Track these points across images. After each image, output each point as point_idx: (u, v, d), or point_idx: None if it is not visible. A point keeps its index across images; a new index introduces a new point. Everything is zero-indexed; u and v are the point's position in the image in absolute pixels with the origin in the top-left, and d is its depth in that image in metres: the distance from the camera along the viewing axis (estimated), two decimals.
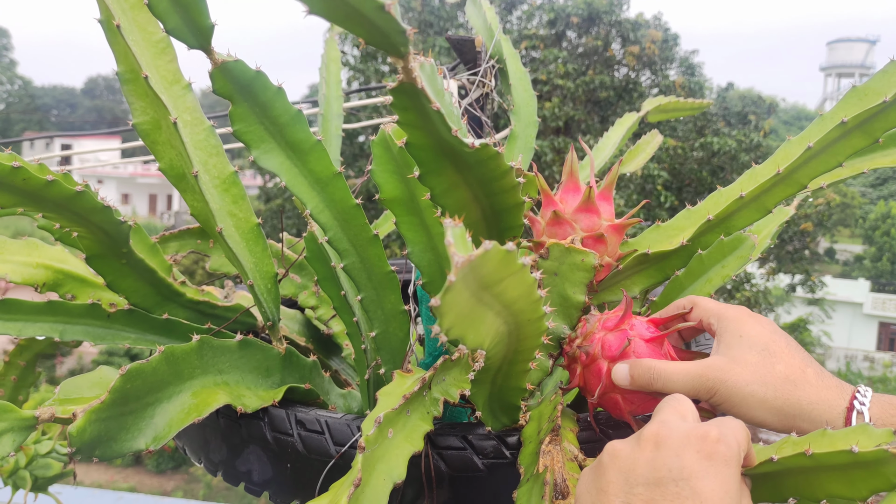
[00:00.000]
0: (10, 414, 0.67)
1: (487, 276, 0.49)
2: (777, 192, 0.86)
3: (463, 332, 0.52)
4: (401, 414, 0.71)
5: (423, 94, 0.58)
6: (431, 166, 0.68)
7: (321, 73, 1.39)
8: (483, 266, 0.47)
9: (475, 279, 0.48)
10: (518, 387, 0.75)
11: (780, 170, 0.82)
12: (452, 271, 0.44)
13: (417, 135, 0.65)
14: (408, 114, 0.63)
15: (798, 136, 0.86)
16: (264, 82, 0.75)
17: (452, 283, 0.45)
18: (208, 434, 0.88)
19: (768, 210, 0.88)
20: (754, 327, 0.72)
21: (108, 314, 0.94)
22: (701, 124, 14.06)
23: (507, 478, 0.77)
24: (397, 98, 0.61)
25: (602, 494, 0.57)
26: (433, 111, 0.60)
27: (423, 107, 0.60)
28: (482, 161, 0.66)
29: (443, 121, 0.60)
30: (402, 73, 0.58)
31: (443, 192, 0.70)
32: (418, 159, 0.68)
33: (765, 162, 0.88)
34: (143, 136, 0.82)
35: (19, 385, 1.30)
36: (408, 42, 0.56)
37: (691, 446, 0.55)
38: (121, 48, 0.78)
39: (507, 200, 0.71)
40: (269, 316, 0.90)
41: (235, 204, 0.86)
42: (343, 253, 0.84)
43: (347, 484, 0.64)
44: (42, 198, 0.72)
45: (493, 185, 0.69)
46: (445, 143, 0.64)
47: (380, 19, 0.54)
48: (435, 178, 0.69)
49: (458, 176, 0.69)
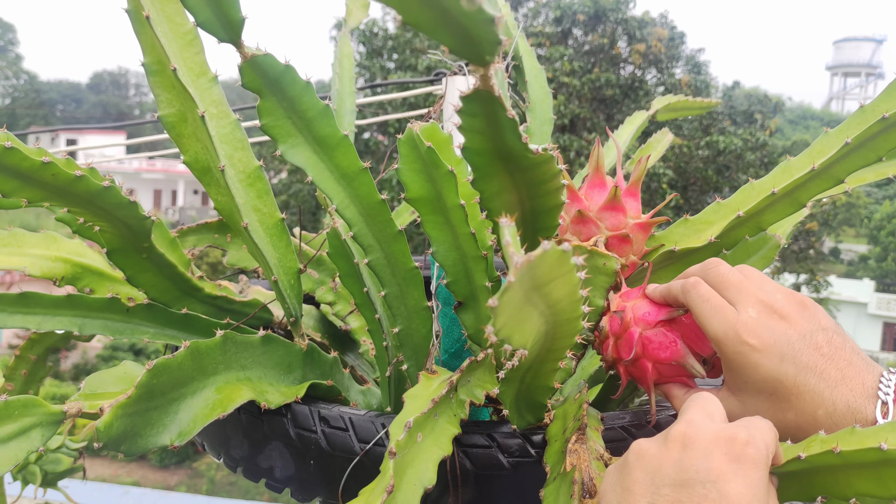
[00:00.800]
0: (38, 409, 0.66)
1: (541, 276, 0.49)
2: (812, 186, 0.84)
3: (511, 332, 0.52)
4: (429, 418, 0.71)
5: (498, 101, 0.58)
6: (486, 171, 0.68)
7: (334, 69, 1.39)
8: (540, 266, 0.47)
9: (530, 279, 0.47)
10: (546, 385, 0.75)
11: (815, 166, 0.81)
12: (511, 272, 0.44)
13: (479, 140, 0.65)
14: (475, 120, 0.62)
15: (836, 129, 0.83)
16: (293, 77, 0.74)
17: (511, 284, 0.44)
18: (229, 430, 0.88)
19: (802, 205, 0.86)
20: (758, 370, 0.66)
21: (127, 308, 0.94)
22: (707, 123, 14.06)
23: (532, 476, 0.76)
24: (468, 104, 0.60)
25: (627, 493, 0.57)
26: (507, 119, 0.60)
27: (495, 114, 0.60)
28: (536, 164, 0.65)
29: (515, 128, 0.60)
30: (480, 81, 0.57)
31: (492, 196, 0.70)
32: (473, 163, 0.67)
33: (799, 155, 0.86)
34: (169, 129, 0.82)
35: (30, 379, 1.29)
36: (495, 52, 0.55)
37: (720, 448, 0.55)
38: (148, 39, 0.78)
39: (549, 202, 0.71)
40: (293, 312, 0.89)
41: (260, 199, 0.85)
42: (368, 249, 0.83)
43: (379, 490, 0.63)
44: (70, 193, 0.72)
45: (540, 187, 0.69)
46: (507, 149, 0.64)
47: (482, 31, 0.52)
48: (487, 182, 0.69)
49: (510, 179, 0.69)
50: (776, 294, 0.69)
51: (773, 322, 0.67)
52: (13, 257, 0.97)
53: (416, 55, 13.50)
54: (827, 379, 0.65)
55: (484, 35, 0.52)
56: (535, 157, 0.64)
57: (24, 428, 0.67)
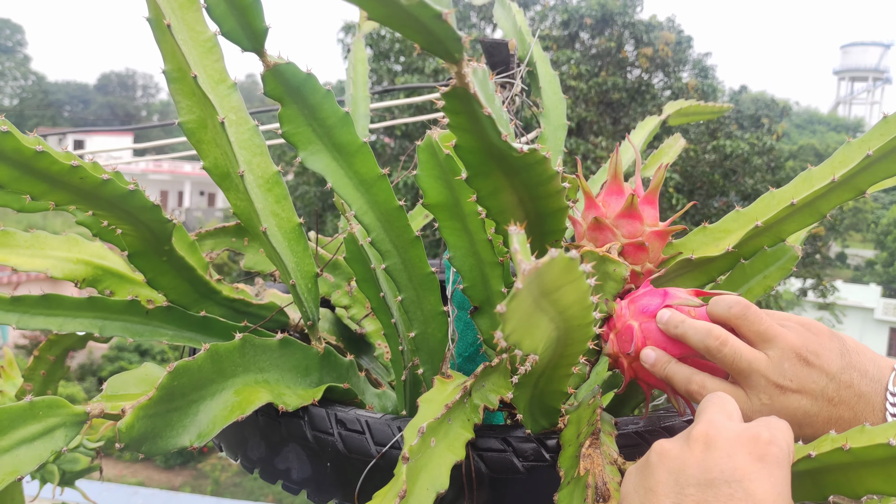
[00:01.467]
0: (62, 409, 0.67)
1: (550, 283, 0.49)
2: (833, 197, 0.84)
3: (520, 338, 0.53)
4: (443, 423, 0.72)
5: (474, 98, 0.59)
6: (479, 169, 0.68)
7: (348, 74, 1.40)
8: (547, 273, 0.47)
9: (538, 286, 0.48)
10: (560, 390, 0.75)
11: (835, 177, 0.81)
12: (519, 278, 0.45)
13: (467, 138, 0.66)
14: (458, 117, 0.63)
15: (858, 140, 0.83)
16: (314, 85, 0.75)
17: (519, 290, 0.45)
18: (247, 432, 0.89)
19: (822, 216, 0.86)
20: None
21: (147, 311, 0.95)
22: (713, 127, 14.02)
23: (546, 480, 0.77)
24: (449, 102, 0.62)
25: (651, 494, 0.57)
26: (484, 116, 0.60)
27: (474, 111, 0.61)
28: (529, 165, 0.66)
29: (493, 125, 0.61)
30: (455, 78, 0.59)
31: (489, 195, 0.71)
32: (466, 162, 0.68)
33: (820, 165, 0.86)
34: (189, 135, 0.83)
35: (48, 380, 1.31)
36: (462, 49, 0.56)
37: (743, 447, 0.55)
38: (169, 47, 0.79)
39: (551, 204, 0.72)
40: (310, 315, 0.90)
41: (278, 203, 0.86)
42: (385, 254, 0.84)
43: (392, 494, 0.64)
44: (96, 196, 0.73)
45: (538, 189, 0.70)
46: (494, 147, 0.65)
47: (436, 27, 0.54)
48: (482, 180, 0.70)
49: (505, 179, 0.70)
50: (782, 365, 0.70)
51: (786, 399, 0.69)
52: (36, 259, 0.98)
53: (423, 58, 13.51)
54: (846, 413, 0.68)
55: (442, 32, 0.54)
56: (525, 158, 0.65)
57: (49, 428, 0.68)
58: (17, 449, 0.65)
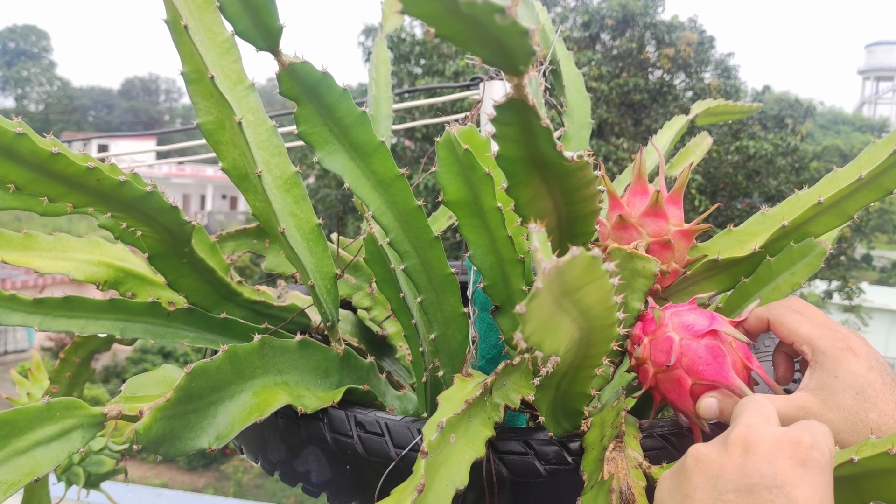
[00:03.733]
0: (79, 410, 0.67)
1: (571, 282, 0.48)
2: (860, 197, 0.83)
3: (541, 339, 0.52)
4: (462, 419, 0.71)
5: (532, 111, 0.58)
6: (520, 178, 0.68)
7: (370, 75, 1.39)
8: (569, 272, 0.46)
9: (559, 286, 0.47)
10: (583, 392, 0.74)
11: (862, 175, 0.80)
12: (539, 277, 0.44)
13: (513, 148, 0.65)
14: (509, 128, 0.62)
15: (884, 140, 0.82)
16: (330, 84, 0.75)
17: (539, 290, 0.44)
18: (266, 434, 0.89)
19: (849, 217, 0.85)
20: (851, 365, 0.68)
21: (168, 313, 0.95)
22: (736, 128, 13.90)
23: (569, 484, 0.76)
24: (502, 113, 0.60)
25: (687, 500, 0.56)
26: (541, 128, 0.59)
27: (529, 122, 0.60)
28: (571, 171, 0.65)
29: (549, 137, 0.60)
30: (514, 91, 0.57)
31: (527, 203, 0.70)
32: (508, 171, 0.67)
33: (846, 166, 0.85)
34: (207, 136, 0.83)
35: (74, 382, 1.32)
36: (529, 62, 0.55)
37: (784, 452, 0.54)
38: (187, 48, 0.79)
39: (585, 208, 0.70)
40: (329, 317, 0.90)
41: (297, 204, 0.86)
42: (404, 255, 0.83)
43: (410, 489, 0.63)
44: (113, 198, 0.73)
45: (575, 194, 0.69)
46: (540, 156, 0.64)
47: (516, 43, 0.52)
48: (522, 189, 0.69)
49: (544, 186, 0.69)
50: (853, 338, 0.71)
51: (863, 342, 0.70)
52: (59, 262, 0.99)
53: (444, 60, 13.52)
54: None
55: (518, 46, 0.52)
56: (571, 165, 0.64)
57: (66, 429, 0.67)
58: (34, 450, 0.65)
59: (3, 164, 0.66)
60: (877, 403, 0.66)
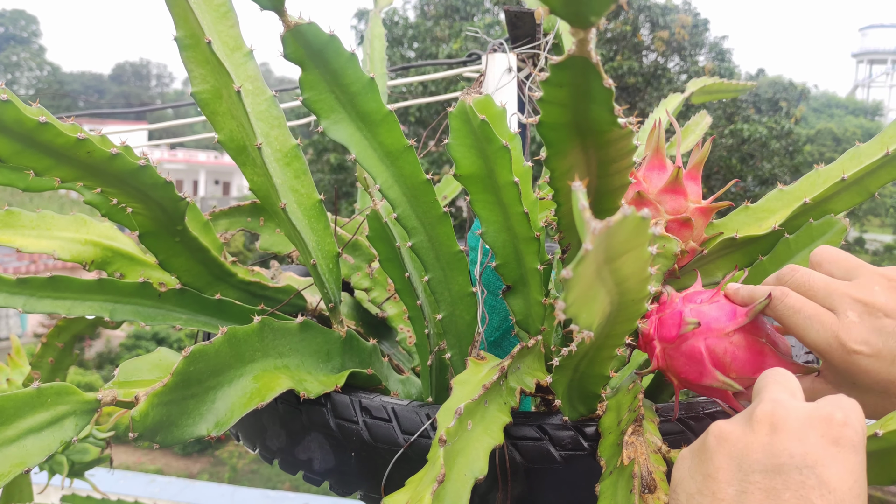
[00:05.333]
0: (71, 396, 0.63)
1: (618, 246, 0.43)
2: (883, 174, 0.80)
3: (579, 311, 0.47)
4: (479, 405, 0.67)
5: (595, 69, 0.53)
6: (561, 147, 0.62)
7: (364, 50, 1.35)
8: (618, 234, 0.42)
9: (606, 249, 0.43)
10: (601, 374, 0.70)
11: (888, 151, 0.76)
12: (588, 239, 0.39)
13: (558, 113, 0.59)
14: (561, 90, 0.57)
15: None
16: (337, 48, 0.70)
17: (588, 252, 0.39)
18: (266, 420, 0.85)
19: (871, 194, 0.82)
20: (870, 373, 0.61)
21: (159, 294, 0.91)
22: (731, 111, 13.89)
23: (585, 470, 0.72)
24: (557, 74, 0.55)
25: (710, 481, 0.51)
26: (602, 89, 0.54)
27: (587, 83, 0.54)
28: (615, 140, 0.60)
29: (609, 99, 0.55)
30: (576, 47, 0.52)
31: (562, 175, 0.65)
32: (548, 139, 0.62)
33: (870, 141, 0.82)
34: (203, 106, 0.78)
35: (56, 367, 1.27)
36: (603, 13, 0.49)
37: (815, 430, 0.49)
38: (181, 10, 0.74)
39: (616, 182, 0.65)
40: (332, 297, 0.85)
41: (297, 179, 0.81)
42: (411, 231, 0.79)
43: (429, 480, 0.59)
44: (104, 171, 0.68)
45: (611, 165, 0.63)
46: (586, 122, 0.59)
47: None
48: (560, 160, 0.63)
49: (583, 156, 0.63)
50: (872, 287, 0.63)
51: (879, 322, 0.61)
52: (42, 240, 0.94)
53: (437, 43, 13.43)
54: None
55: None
56: (618, 132, 0.59)
57: (58, 417, 0.64)
58: (24, 439, 0.61)
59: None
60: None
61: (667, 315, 0.71)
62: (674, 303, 0.72)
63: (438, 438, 0.60)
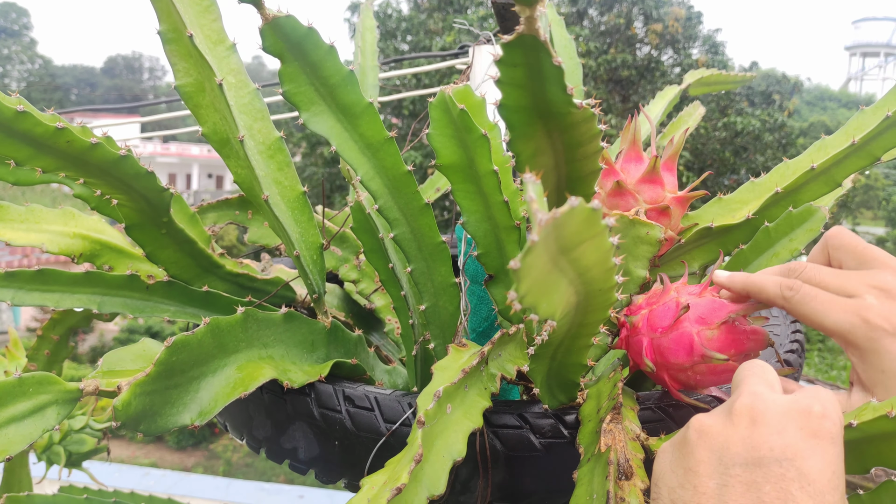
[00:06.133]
0: (54, 386, 0.64)
1: (569, 237, 0.44)
2: (849, 164, 0.82)
3: (536, 300, 0.48)
4: (459, 389, 0.68)
5: (543, 47, 0.53)
6: (523, 130, 0.63)
7: (356, 43, 1.35)
8: (567, 225, 0.42)
9: (556, 240, 0.43)
10: (578, 363, 0.71)
11: (854, 140, 0.78)
12: (535, 231, 0.40)
13: (517, 95, 0.60)
14: (516, 71, 0.58)
15: (873, 107, 0.82)
16: (316, 40, 0.71)
17: (535, 244, 0.40)
18: (252, 410, 0.86)
19: (837, 183, 0.84)
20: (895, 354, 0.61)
21: (147, 286, 0.91)
22: (724, 104, 13.91)
23: (565, 458, 0.73)
24: (510, 53, 0.56)
25: (691, 475, 0.52)
26: (552, 67, 0.55)
27: (538, 62, 0.55)
28: (576, 123, 0.61)
29: (560, 78, 0.56)
30: (525, 25, 0.53)
31: (528, 159, 0.66)
32: (510, 122, 0.63)
33: (836, 132, 0.84)
34: (186, 99, 0.79)
35: (52, 360, 1.28)
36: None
37: (794, 422, 0.50)
38: (164, 6, 0.75)
39: (586, 167, 0.66)
40: (315, 288, 0.86)
41: (281, 171, 0.82)
42: (393, 222, 0.80)
43: (407, 460, 0.61)
44: (85, 162, 0.69)
45: (578, 150, 0.64)
46: (545, 104, 0.60)
47: None
48: (524, 143, 0.64)
49: (547, 140, 0.64)
50: (885, 276, 0.63)
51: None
52: (31, 233, 0.95)
53: (431, 36, 13.41)
54: None
55: None
56: (578, 114, 0.60)
57: (39, 406, 0.64)
58: (6, 427, 0.62)
59: None
60: None
61: (660, 307, 0.72)
62: (667, 295, 0.73)
63: (417, 420, 0.61)
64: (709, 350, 0.68)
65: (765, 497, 0.48)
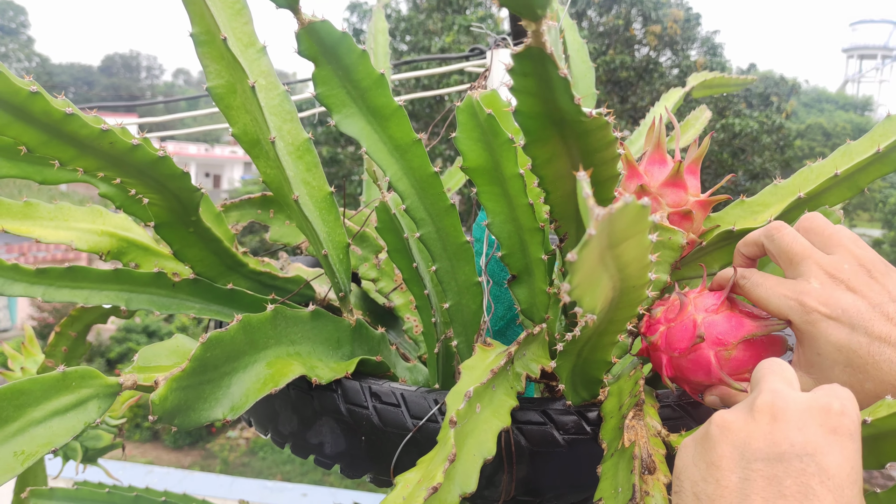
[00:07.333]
0: (95, 380, 0.65)
1: (619, 232, 0.46)
2: (872, 170, 0.83)
3: (583, 294, 0.50)
4: (487, 388, 0.70)
5: (550, 59, 0.55)
6: (538, 135, 0.65)
7: (368, 45, 1.37)
8: (620, 220, 0.44)
9: (608, 235, 0.45)
10: (604, 360, 0.73)
11: (879, 148, 0.79)
12: (591, 224, 0.42)
13: (531, 102, 0.62)
14: (527, 80, 0.60)
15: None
16: (349, 45, 0.73)
17: (591, 237, 0.42)
18: (278, 405, 0.87)
19: (860, 189, 0.85)
20: (830, 337, 0.64)
21: (173, 283, 0.93)
22: (722, 105, 13.94)
23: (587, 454, 0.75)
24: (520, 63, 0.58)
25: (713, 469, 0.54)
26: (559, 78, 0.57)
27: (546, 73, 0.57)
28: (590, 131, 0.63)
29: (567, 88, 0.58)
30: (532, 38, 0.55)
31: (544, 163, 0.68)
32: (525, 127, 0.65)
33: (861, 138, 0.85)
34: (217, 101, 0.80)
35: (70, 356, 1.29)
36: (547, 6, 0.53)
37: (814, 419, 0.52)
38: (197, 8, 0.76)
39: (604, 173, 0.68)
40: (342, 287, 0.88)
41: (309, 171, 0.84)
42: (420, 222, 0.82)
43: (441, 459, 0.62)
44: (125, 162, 0.71)
45: (594, 156, 0.66)
46: (558, 112, 0.62)
47: None
48: (539, 147, 0.66)
49: (562, 145, 0.66)
50: (842, 265, 0.67)
51: (838, 293, 0.65)
52: (60, 231, 0.96)
53: (430, 37, 13.42)
54: None
55: None
56: (590, 122, 0.62)
57: (82, 399, 0.66)
58: (51, 420, 0.63)
59: (16, 125, 0.64)
60: (868, 371, 0.63)
61: (677, 326, 0.74)
62: (685, 313, 0.74)
63: (449, 420, 0.62)
64: (727, 377, 0.70)
65: (785, 491, 0.50)
